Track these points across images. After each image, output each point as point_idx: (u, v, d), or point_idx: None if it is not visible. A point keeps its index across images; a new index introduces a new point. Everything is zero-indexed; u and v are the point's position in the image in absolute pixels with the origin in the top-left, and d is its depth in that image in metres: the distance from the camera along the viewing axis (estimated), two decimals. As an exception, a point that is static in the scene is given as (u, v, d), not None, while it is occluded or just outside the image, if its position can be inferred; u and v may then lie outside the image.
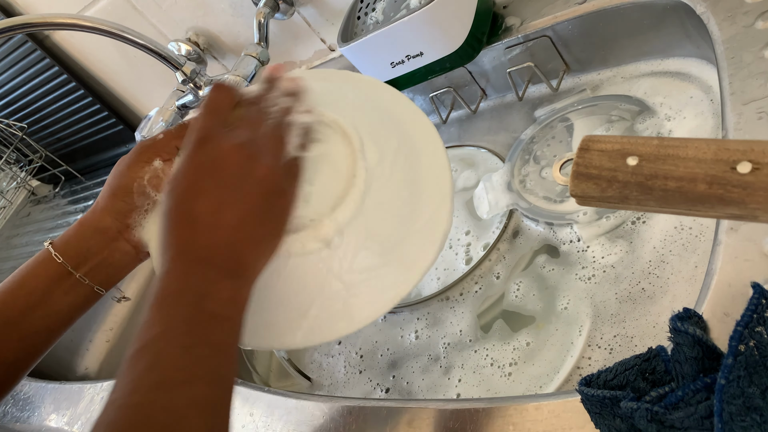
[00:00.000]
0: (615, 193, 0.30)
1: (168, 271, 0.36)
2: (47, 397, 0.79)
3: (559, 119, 0.63)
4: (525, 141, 0.64)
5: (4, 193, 1.37)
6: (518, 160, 0.62)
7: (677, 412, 0.31)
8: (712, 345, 0.32)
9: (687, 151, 0.28)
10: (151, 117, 0.86)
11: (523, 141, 0.64)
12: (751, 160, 0.27)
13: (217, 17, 0.89)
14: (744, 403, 0.29)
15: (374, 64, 0.66)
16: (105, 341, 1.08)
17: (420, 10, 0.58)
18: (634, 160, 0.30)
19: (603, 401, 0.34)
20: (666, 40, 0.59)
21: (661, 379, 0.34)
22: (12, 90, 1.17)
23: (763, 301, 0.31)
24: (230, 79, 0.73)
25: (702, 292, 0.37)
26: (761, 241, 0.36)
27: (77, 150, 1.27)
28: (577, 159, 0.31)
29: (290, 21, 0.85)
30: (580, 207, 0.53)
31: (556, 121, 0.63)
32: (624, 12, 0.58)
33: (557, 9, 0.62)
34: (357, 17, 0.69)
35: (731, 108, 0.43)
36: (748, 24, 0.46)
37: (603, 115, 0.60)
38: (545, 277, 0.54)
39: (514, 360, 0.52)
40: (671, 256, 0.48)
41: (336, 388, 0.62)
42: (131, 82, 1.11)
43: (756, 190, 0.26)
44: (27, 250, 1.21)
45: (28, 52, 1.07)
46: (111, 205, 0.46)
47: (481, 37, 0.65)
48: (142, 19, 0.93)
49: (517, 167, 0.61)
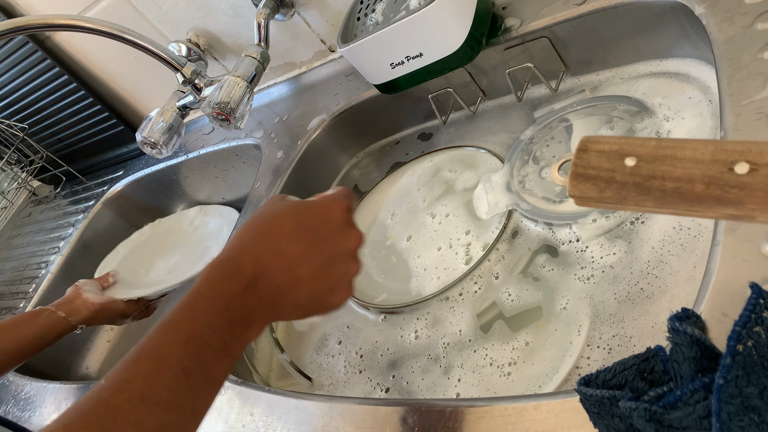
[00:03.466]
0: (613, 193, 0.30)
1: (216, 280, 0.36)
2: (48, 396, 0.79)
3: (558, 120, 0.63)
4: (524, 141, 0.64)
5: (5, 193, 1.37)
6: (517, 160, 0.63)
7: (675, 411, 0.31)
8: (711, 345, 0.32)
9: (685, 152, 0.29)
10: (152, 118, 0.86)
11: (522, 141, 0.64)
12: (749, 160, 0.27)
13: (218, 18, 0.89)
14: (742, 402, 0.29)
15: (374, 65, 0.67)
16: (106, 341, 1.08)
17: (419, 11, 0.59)
18: (632, 161, 0.30)
19: (602, 401, 0.34)
20: (665, 40, 0.59)
21: (659, 379, 0.34)
22: (13, 91, 1.17)
23: (761, 301, 0.31)
24: (231, 81, 0.73)
25: (700, 292, 0.37)
26: (759, 242, 0.36)
27: (78, 150, 1.27)
28: (576, 160, 0.31)
29: (290, 22, 0.85)
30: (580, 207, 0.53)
31: (555, 122, 0.63)
32: (623, 13, 0.58)
33: (556, 10, 0.62)
34: (357, 18, 0.69)
35: (730, 109, 0.43)
36: (747, 25, 0.46)
37: (602, 116, 0.60)
38: (544, 277, 0.55)
39: (513, 360, 0.52)
40: (670, 257, 0.48)
41: (336, 388, 0.62)
42: (132, 83, 1.11)
43: (753, 190, 0.26)
44: (28, 250, 1.21)
45: (29, 53, 1.08)
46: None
47: (481, 37, 0.65)
48: (142, 20, 0.93)
49: (516, 168, 0.62)
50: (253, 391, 0.58)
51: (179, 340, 0.34)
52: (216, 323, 0.35)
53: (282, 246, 0.38)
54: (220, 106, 0.71)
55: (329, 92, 0.87)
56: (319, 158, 0.85)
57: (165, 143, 0.83)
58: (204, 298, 0.36)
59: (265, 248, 0.38)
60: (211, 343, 0.34)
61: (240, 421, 0.56)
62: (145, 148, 0.84)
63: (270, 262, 0.37)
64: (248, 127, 0.97)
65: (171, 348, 0.33)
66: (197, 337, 0.34)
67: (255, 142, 0.94)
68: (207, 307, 0.35)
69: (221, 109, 0.70)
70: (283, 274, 0.37)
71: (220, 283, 0.36)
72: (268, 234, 0.38)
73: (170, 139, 0.83)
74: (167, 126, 0.84)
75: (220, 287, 0.36)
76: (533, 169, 0.60)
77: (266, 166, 0.86)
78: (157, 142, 0.82)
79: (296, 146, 0.84)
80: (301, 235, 0.38)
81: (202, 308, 0.35)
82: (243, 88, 0.73)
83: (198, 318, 0.35)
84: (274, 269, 0.37)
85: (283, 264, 0.37)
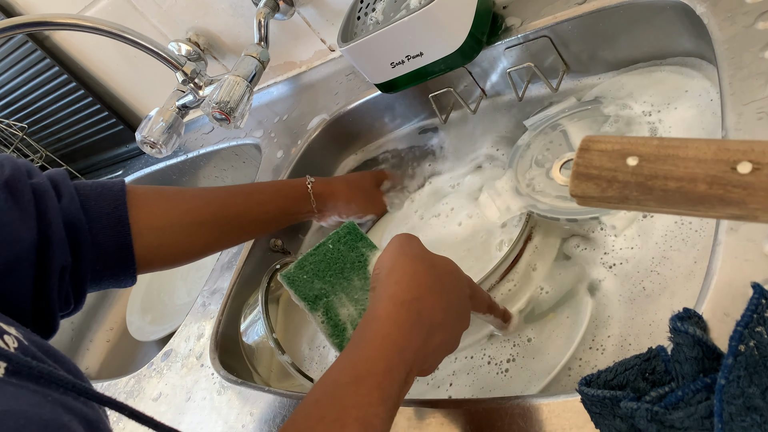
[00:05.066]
0: (615, 193, 0.30)
1: (406, 325, 0.38)
2: (47, 397, 0.79)
3: (550, 126, 0.63)
4: (522, 147, 0.63)
5: (4, 193, 1.36)
6: (519, 165, 0.62)
7: (677, 412, 0.31)
8: (712, 345, 0.32)
9: (687, 152, 0.28)
10: (152, 117, 0.86)
11: (520, 147, 0.63)
12: (752, 160, 0.27)
13: (218, 17, 0.89)
14: (744, 403, 0.29)
15: (374, 65, 0.66)
16: (105, 341, 1.08)
17: (420, 10, 0.58)
18: (634, 161, 0.30)
19: (603, 401, 0.34)
20: (665, 40, 0.59)
21: (661, 379, 0.34)
22: (12, 90, 1.17)
23: (763, 301, 0.31)
24: (231, 80, 0.73)
25: (702, 292, 0.37)
26: (761, 241, 0.36)
27: (77, 150, 1.27)
28: (578, 159, 0.31)
29: (290, 21, 0.85)
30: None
31: (548, 129, 0.63)
32: (624, 12, 0.58)
33: (557, 9, 0.62)
34: (357, 17, 0.69)
35: (731, 108, 0.43)
36: (748, 24, 0.46)
37: (599, 118, 0.60)
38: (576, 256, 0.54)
39: (512, 356, 0.52)
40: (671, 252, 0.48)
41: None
42: (131, 83, 1.11)
43: (756, 190, 0.26)
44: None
45: (29, 52, 1.07)
46: (355, 197, 0.72)
47: (481, 37, 0.65)
48: (142, 19, 0.93)
49: (520, 172, 0.61)
50: (253, 391, 0.58)
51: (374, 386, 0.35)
52: (400, 375, 0.36)
53: (449, 306, 0.41)
54: (220, 105, 0.71)
55: (329, 92, 0.87)
56: (319, 158, 0.85)
57: (165, 143, 0.83)
58: (393, 339, 0.37)
59: (437, 302, 0.40)
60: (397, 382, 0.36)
61: (240, 421, 0.56)
62: (145, 147, 0.84)
63: (438, 314, 0.39)
64: (248, 127, 0.97)
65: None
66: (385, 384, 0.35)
67: (255, 141, 0.94)
68: (399, 353, 0.36)
69: (221, 109, 0.69)
70: (447, 331, 0.40)
71: (409, 331, 0.37)
72: (440, 287, 0.41)
73: (170, 138, 0.83)
74: (167, 125, 0.84)
75: (410, 334, 0.37)
76: (539, 171, 0.59)
77: (266, 166, 0.86)
78: (157, 141, 0.82)
79: (296, 146, 0.84)
80: (455, 296, 0.42)
81: (392, 353, 0.36)
82: (243, 87, 0.72)
83: (391, 368, 0.36)
84: (439, 322, 0.39)
85: (447, 322, 0.40)
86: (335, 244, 0.52)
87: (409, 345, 0.37)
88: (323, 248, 0.52)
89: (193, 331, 0.71)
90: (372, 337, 0.37)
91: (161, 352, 0.72)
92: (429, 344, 0.38)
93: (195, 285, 0.98)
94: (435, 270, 0.41)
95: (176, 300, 0.99)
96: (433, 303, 0.39)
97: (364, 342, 0.37)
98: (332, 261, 0.51)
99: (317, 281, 0.50)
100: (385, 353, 0.36)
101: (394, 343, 0.36)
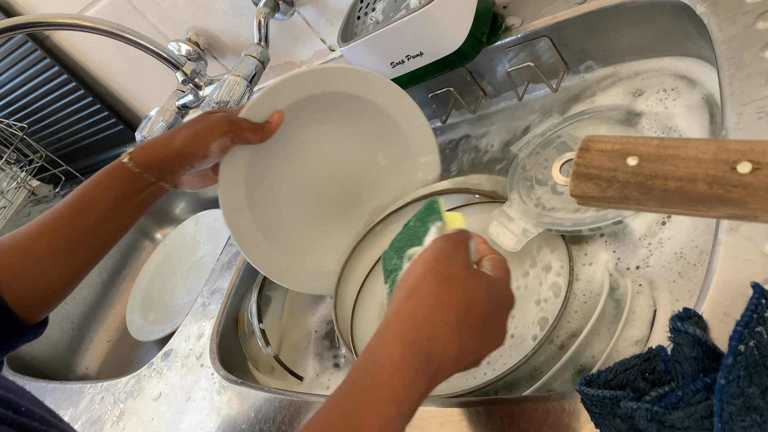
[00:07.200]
0: (615, 193, 0.30)
1: (410, 372, 0.33)
2: (47, 396, 0.79)
3: (540, 145, 0.60)
4: (518, 169, 0.60)
5: (4, 193, 1.37)
6: (521, 188, 0.58)
7: (677, 412, 0.31)
8: (712, 345, 0.32)
9: (687, 151, 0.28)
10: (152, 117, 0.86)
11: (517, 168, 0.61)
12: (751, 160, 0.27)
13: (218, 17, 0.89)
14: (744, 403, 0.29)
15: (374, 64, 0.66)
16: (105, 341, 1.08)
17: (420, 10, 0.58)
18: (634, 160, 0.30)
19: (603, 401, 0.34)
20: (665, 40, 0.59)
21: (661, 379, 0.34)
22: (12, 90, 1.17)
23: (763, 301, 0.31)
24: (231, 80, 0.73)
25: (702, 292, 0.37)
26: (761, 241, 0.36)
27: (77, 150, 1.27)
28: (578, 159, 0.31)
29: (290, 21, 0.85)
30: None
31: (538, 148, 0.61)
32: (623, 12, 0.58)
33: (557, 9, 0.62)
34: (357, 17, 0.69)
35: (731, 108, 0.43)
36: (748, 24, 0.46)
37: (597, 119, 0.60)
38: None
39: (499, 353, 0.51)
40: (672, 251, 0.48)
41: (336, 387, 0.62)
42: (131, 82, 1.11)
43: (756, 190, 0.26)
44: (27, 250, 1.21)
45: (29, 52, 1.07)
46: (188, 143, 0.53)
47: (481, 37, 0.65)
48: (142, 19, 0.93)
49: (523, 195, 0.57)
50: (253, 391, 0.58)
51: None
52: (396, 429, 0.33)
53: (467, 341, 0.34)
54: (220, 105, 0.71)
55: (329, 91, 0.87)
56: (319, 158, 0.85)
57: (165, 142, 0.83)
58: (393, 390, 0.33)
59: (454, 340, 0.34)
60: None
61: (239, 421, 0.56)
62: (145, 147, 0.84)
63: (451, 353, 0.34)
64: (248, 127, 0.97)
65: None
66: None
67: (255, 141, 0.94)
68: (397, 407, 0.32)
69: (221, 108, 0.69)
70: (460, 364, 0.35)
71: (413, 379, 0.33)
72: (465, 324, 0.35)
73: (170, 138, 0.83)
74: (167, 125, 0.84)
75: (413, 383, 0.33)
76: (543, 190, 0.56)
77: (266, 166, 0.86)
78: (157, 141, 0.82)
79: (296, 146, 0.84)
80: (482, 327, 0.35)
81: (390, 408, 0.32)
82: (243, 87, 0.73)
83: (386, 425, 0.32)
84: (452, 360, 0.34)
85: (462, 357, 0.35)
86: (416, 221, 0.50)
87: (410, 394, 0.33)
88: (407, 225, 0.51)
89: (193, 331, 0.71)
90: (369, 387, 0.33)
91: (161, 352, 0.72)
92: (433, 383, 0.34)
93: (195, 285, 0.98)
94: (467, 299, 0.35)
95: (176, 300, 0.99)
96: (450, 342, 0.34)
97: (360, 391, 0.33)
98: (408, 237, 0.49)
99: (396, 258, 0.49)
100: (382, 409, 0.32)
101: (393, 395, 0.32)
